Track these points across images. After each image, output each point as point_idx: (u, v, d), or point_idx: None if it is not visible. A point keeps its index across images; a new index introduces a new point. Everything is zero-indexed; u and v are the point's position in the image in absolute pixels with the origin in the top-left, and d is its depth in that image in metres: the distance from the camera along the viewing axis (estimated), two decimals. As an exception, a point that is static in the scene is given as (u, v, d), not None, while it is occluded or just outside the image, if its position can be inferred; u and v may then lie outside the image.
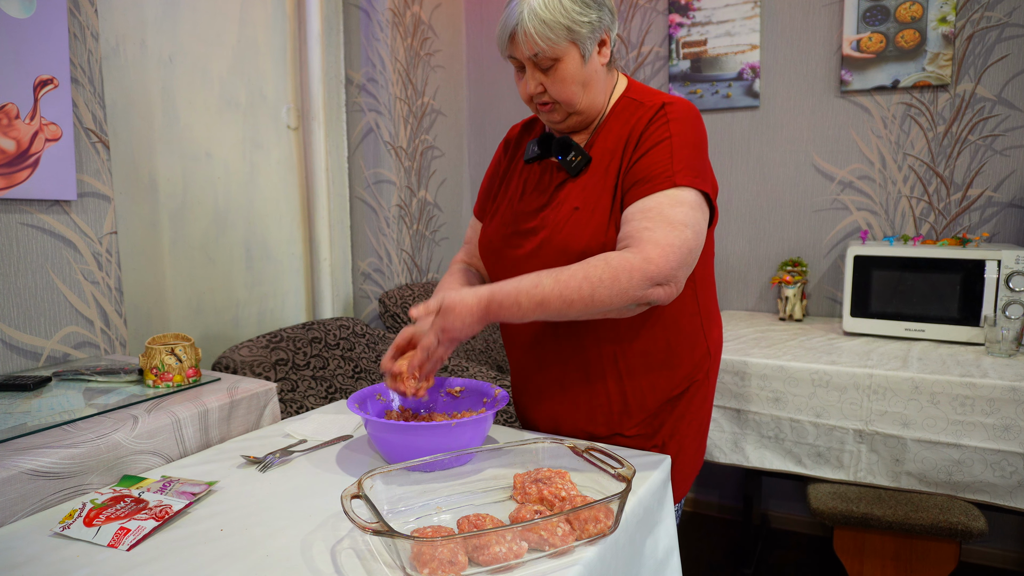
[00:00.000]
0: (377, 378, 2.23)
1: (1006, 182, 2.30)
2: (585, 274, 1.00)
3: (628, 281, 0.99)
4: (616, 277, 0.99)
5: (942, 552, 1.83)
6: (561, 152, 1.19)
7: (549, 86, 1.13)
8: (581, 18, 1.08)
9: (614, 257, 1.01)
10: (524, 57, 1.11)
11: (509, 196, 1.28)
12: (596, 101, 1.17)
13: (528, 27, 1.07)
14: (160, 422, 1.17)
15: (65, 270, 1.57)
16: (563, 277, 1.01)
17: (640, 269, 0.99)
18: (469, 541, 0.77)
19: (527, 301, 1.01)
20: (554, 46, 1.08)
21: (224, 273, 2.24)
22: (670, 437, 1.21)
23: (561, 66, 1.11)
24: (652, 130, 1.12)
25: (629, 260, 1.00)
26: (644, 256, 0.99)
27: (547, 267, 1.12)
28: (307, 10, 2.44)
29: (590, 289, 0.99)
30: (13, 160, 1.44)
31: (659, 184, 1.06)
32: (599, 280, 0.99)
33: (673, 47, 2.71)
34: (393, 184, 2.65)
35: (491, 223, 1.29)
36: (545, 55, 1.09)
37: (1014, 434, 1.73)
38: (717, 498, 2.81)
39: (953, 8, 2.29)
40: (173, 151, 2.04)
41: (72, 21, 1.55)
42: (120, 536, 0.85)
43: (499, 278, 1.24)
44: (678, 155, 1.08)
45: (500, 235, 1.25)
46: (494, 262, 1.27)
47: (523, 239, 1.21)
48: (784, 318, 2.51)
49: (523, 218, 1.22)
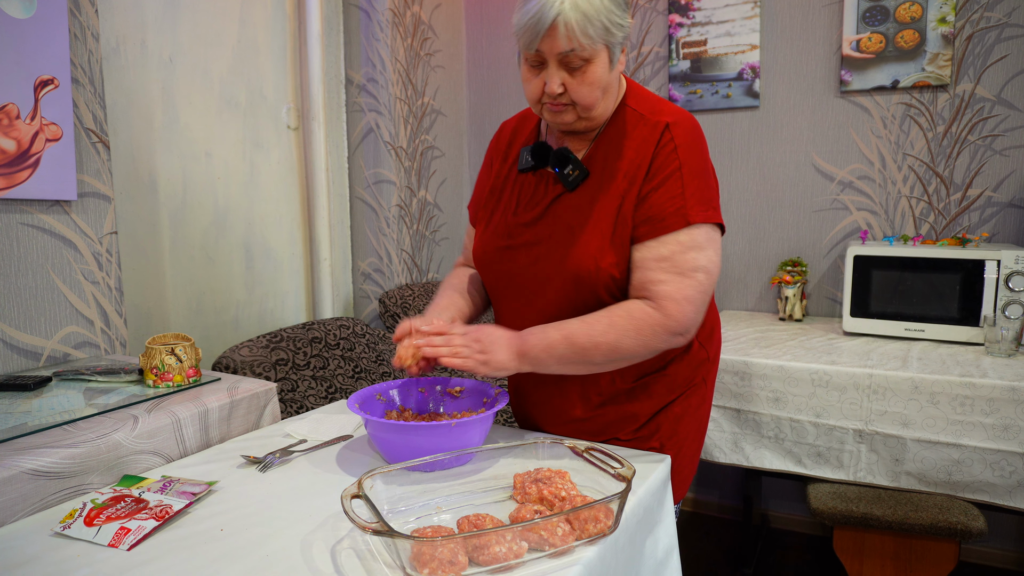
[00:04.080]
0: (377, 378, 2.23)
1: (1006, 182, 2.30)
2: (610, 321, 1.07)
3: (652, 335, 1.07)
4: (640, 330, 1.06)
5: (942, 552, 1.83)
6: (558, 165, 1.16)
7: (574, 87, 1.08)
8: (619, 20, 1.05)
9: (636, 310, 1.07)
10: (554, 53, 1.05)
11: (503, 205, 1.25)
12: (608, 108, 1.15)
13: (571, 19, 1.01)
14: (160, 422, 1.18)
15: (65, 270, 1.57)
16: (588, 320, 1.08)
17: (662, 325, 1.06)
18: (469, 541, 0.77)
19: (554, 332, 1.07)
20: (592, 44, 1.04)
21: (224, 273, 2.24)
22: (669, 438, 1.22)
23: (591, 68, 1.06)
24: (662, 161, 1.10)
25: (651, 316, 1.06)
26: (664, 313, 1.06)
27: (543, 284, 1.17)
28: (307, 10, 2.44)
29: (616, 337, 1.06)
30: (13, 160, 1.44)
31: (672, 224, 1.08)
32: (624, 330, 1.06)
33: (673, 47, 2.71)
34: (393, 184, 2.65)
35: (485, 232, 1.27)
36: (578, 54, 1.04)
37: (1013, 434, 1.73)
38: (717, 498, 2.81)
39: (953, 8, 2.29)
40: (173, 151, 2.04)
41: (72, 21, 1.55)
42: (120, 536, 0.85)
43: (496, 289, 1.26)
44: (689, 188, 1.09)
45: (494, 246, 1.23)
46: (489, 273, 1.26)
47: (517, 253, 1.20)
48: (784, 318, 2.52)
49: (518, 231, 1.20)
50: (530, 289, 1.19)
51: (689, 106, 2.71)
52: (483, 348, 1.07)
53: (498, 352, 1.07)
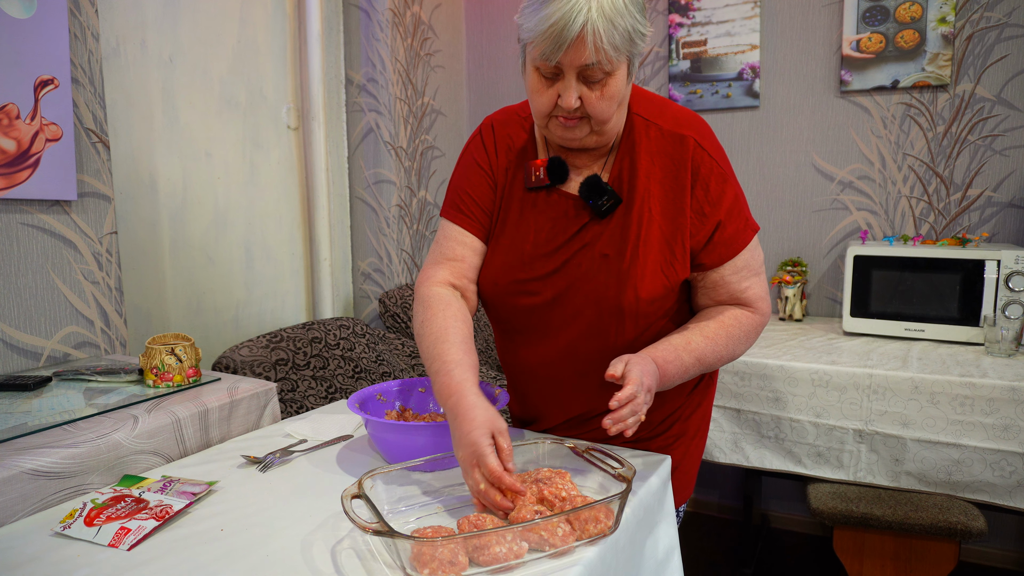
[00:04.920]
0: (377, 378, 2.23)
1: (1006, 182, 2.30)
2: (728, 333, 1.10)
3: (756, 336, 1.16)
4: (749, 336, 1.14)
5: (941, 552, 1.83)
6: (594, 195, 1.07)
7: (591, 102, 0.99)
8: (642, 30, 0.98)
9: (743, 318, 1.13)
10: (575, 65, 0.96)
11: (510, 230, 1.14)
12: (620, 122, 1.08)
13: (600, 27, 0.92)
14: (160, 422, 1.18)
15: (65, 270, 1.57)
16: (709, 334, 1.09)
17: (761, 324, 1.16)
18: (469, 541, 0.77)
19: (687, 356, 1.06)
20: (617, 56, 0.96)
21: (224, 273, 2.24)
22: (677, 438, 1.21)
23: (611, 81, 0.98)
24: (712, 185, 1.07)
25: (755, 320, 1.14)
26: (761, 313, 1.15)
27: (571, 318, 1.10)
28: (307, 10, 2.44)
29: (733, 347, 1.12)
30: (14, 160, 1.44)
31: (744, 239, 1.11)
32: (739, 339, 1.12)
33: (673, 47, 2.71)
34: (393, 184, 2.65)
35: (493, 263, 1.15)
36: (601, 67, 0.96)
37: (1013, 434, 1.73)
38: (717, 498, 2.81)
39: (952, 8, 2.29)
40: (173, 151, 2.04)
41: (72, 21, 1.55)
42: (120, 536, 0.85)
43: (508, 323, 1.18)
44: (740, 198, 1.12)
45: (509, 279, 1.13)
46: (502, 307, 1.16)
47: (540, 285, 1.11)
48: (784, 318, 2.52)
49: (539, 262, 1.11)
50: (556, 320, 1.12)
51: (689, 106, 2.71)
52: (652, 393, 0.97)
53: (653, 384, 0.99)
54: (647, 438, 1.20)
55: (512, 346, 1.21)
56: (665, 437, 1.21)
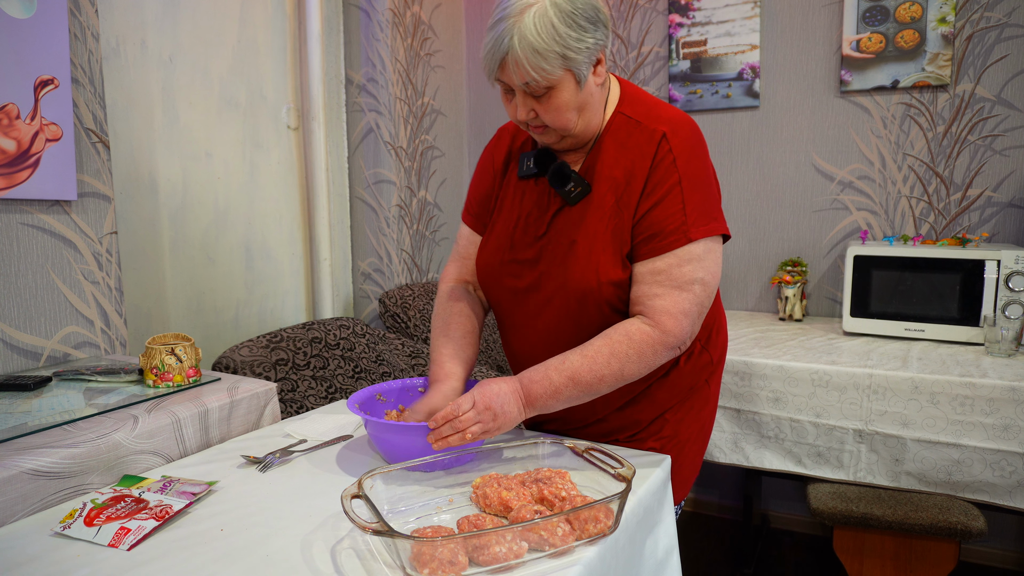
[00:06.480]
0: (377, 378, 2.23)
1: (1006, 182, 2.30)
2: (611, 350, 1.05)
3: (652, 355, 1.06)
4: (642, 353, 1.05)
5: (942, 552, 1.83)
6: (559, 182, 1.12)
7: (542, 113, 1.05)
8: (577, 44, 0.99)
9: (635, 332, 1.05)
10: (513, 83, 1.03)
11: (504, 216, 1.22)
12: (592, 123, 1.11)
13: (519, 56, 0.98)
14: (160, 422, 1.18)
15: (65, 270, 1.57)
16: (589, 353, 1.05)
17: (661, 342, 1.05)
18: (469, 541, 0.77)
19: (557, 376, 1.04)
20: (548, 76, 1.00)
21: (224, 273, 2.24)
22: (669, 440, 1.21)
23: (555, 93, 1.02)
24: (660, 175, 1.07)
25: (650, 335, 1.05)
26: (662, 329, 1.05)
27: (546, 300, 1.14)
28: (307, 10, 2.44)
29: (619, 365, 1.04)
30: (14, 160, 1.44)
31: (674, 242, 1.05)
32: (626, 356, 1.04)
33: (673, 47, 2.71)
34: (393, 184, 2.65)
35: (487, 245, 1.24)
36: (538, 85, 1.01)
37: (1013, 434, 1.73)
38: (717, 498, 2.81)
39: (952, 8, 2.29)
40: (173, 151, 2.04)
41: (72, 21, 1.55)
42: (120, 536, 0.85)
43: (500, 305, 1.24)
44: (689, 202, 1.06)
45: (498, 261, 1.20)
46: (494, 288, 1.23)
47: (523, 268, 1.17)
48: (784, 318, 2.52)
49: (521, 247, 1.18)
50: (534, 305, 1.17)
51: (689, 106, 2.71)
52: (494, 414, 1.01)
53: (508, 410, 1.02)
54: (639, 437, 1.21)
55: (506, 335, 1.27)
56: (658, 438, 1.21)
